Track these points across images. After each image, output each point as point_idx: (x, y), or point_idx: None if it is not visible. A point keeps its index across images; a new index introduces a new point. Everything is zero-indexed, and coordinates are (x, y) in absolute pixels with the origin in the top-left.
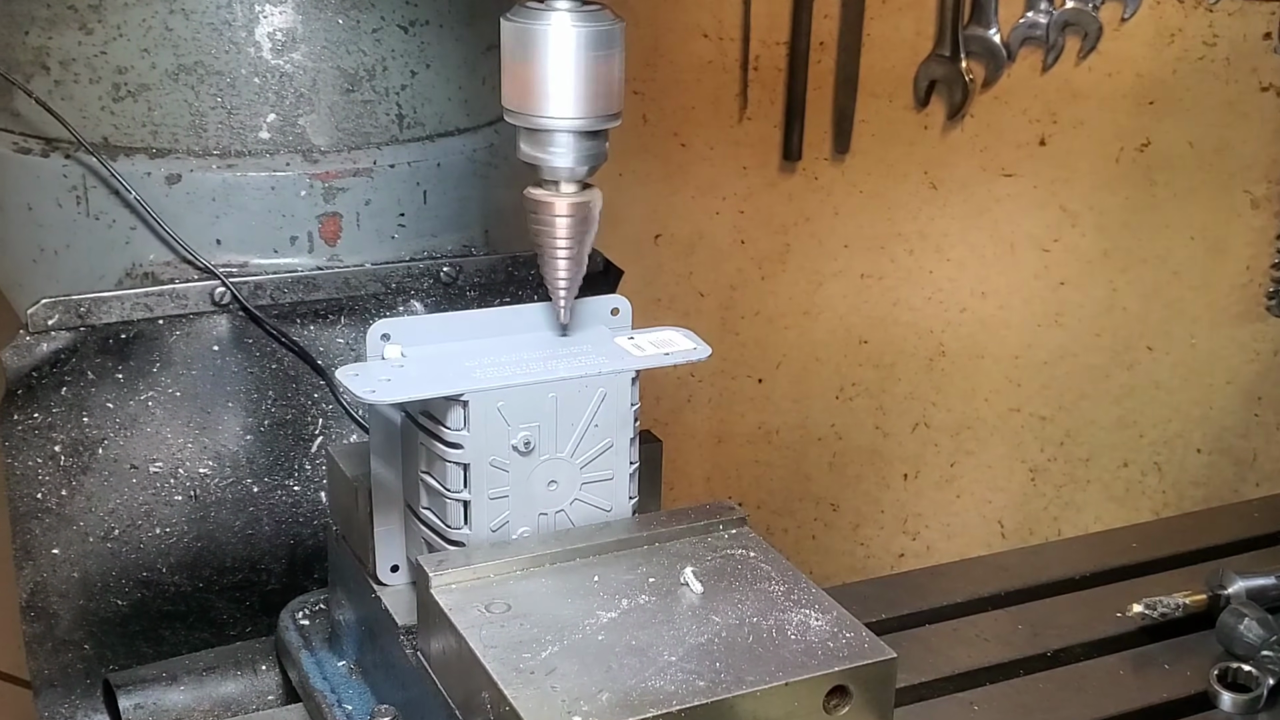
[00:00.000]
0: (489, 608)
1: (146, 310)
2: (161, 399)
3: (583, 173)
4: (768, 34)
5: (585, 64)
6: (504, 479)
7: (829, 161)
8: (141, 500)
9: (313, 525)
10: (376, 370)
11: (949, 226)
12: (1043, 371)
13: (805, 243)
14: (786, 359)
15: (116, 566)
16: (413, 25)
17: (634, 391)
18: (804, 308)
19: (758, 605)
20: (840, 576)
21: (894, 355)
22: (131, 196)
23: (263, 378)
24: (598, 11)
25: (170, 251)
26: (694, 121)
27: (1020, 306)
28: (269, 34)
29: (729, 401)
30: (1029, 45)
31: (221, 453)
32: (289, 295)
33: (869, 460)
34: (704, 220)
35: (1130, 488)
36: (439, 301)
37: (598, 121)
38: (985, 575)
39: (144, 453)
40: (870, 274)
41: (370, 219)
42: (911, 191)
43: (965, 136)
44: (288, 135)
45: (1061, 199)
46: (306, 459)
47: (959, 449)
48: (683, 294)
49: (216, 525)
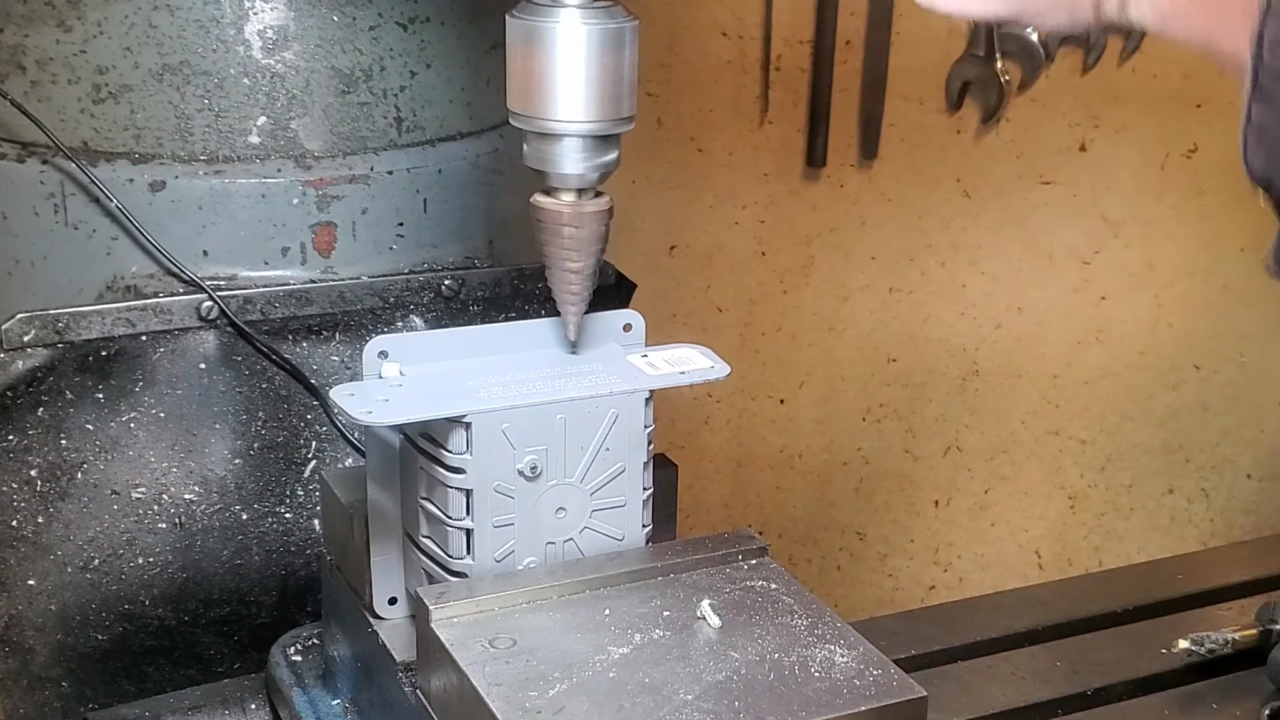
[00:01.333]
0: (493, 643)
1: (129, 326)
2: (144, 420)
3: (593, 180)
4: (790, 32)
5: (596, 64)
6: (509, 506)
7: (855, 168)
8: (123, 528)
9: (305, 555)
10: (373, 390)
11: (983, 237)
12: (1083, 392)
13: (830, 254)
14: (810, 378)
15: (96, 598)
16: (412, 22)
17: (648, 413)
18: (829, 324)
19: (779, 640)
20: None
21: (924, 374)
22: (113, 204)
23: (252, 398)
24: (609, 8)
25: (154, 263)
26: (712, 125)
27: (1059, 322)
28: (259, 31)
29: (749, 423)
30: (1068, 44)
31: (208, 478)
32: (280, 310)
33: (898, 486)
34: (722, 230)
35: (1176, 516)
36: (440, 317)
37: (609, 125)
38: (1021, 609)
39: (126, 477)
40: (899, 288)
41: (367, 229)
42: (943, 200)
43: (1000, 141)
44: (279, 139)
45: (1103, 208)
46: (299, 484)
47: (993, 474)
48: (699, 309)
49: (203, 555)
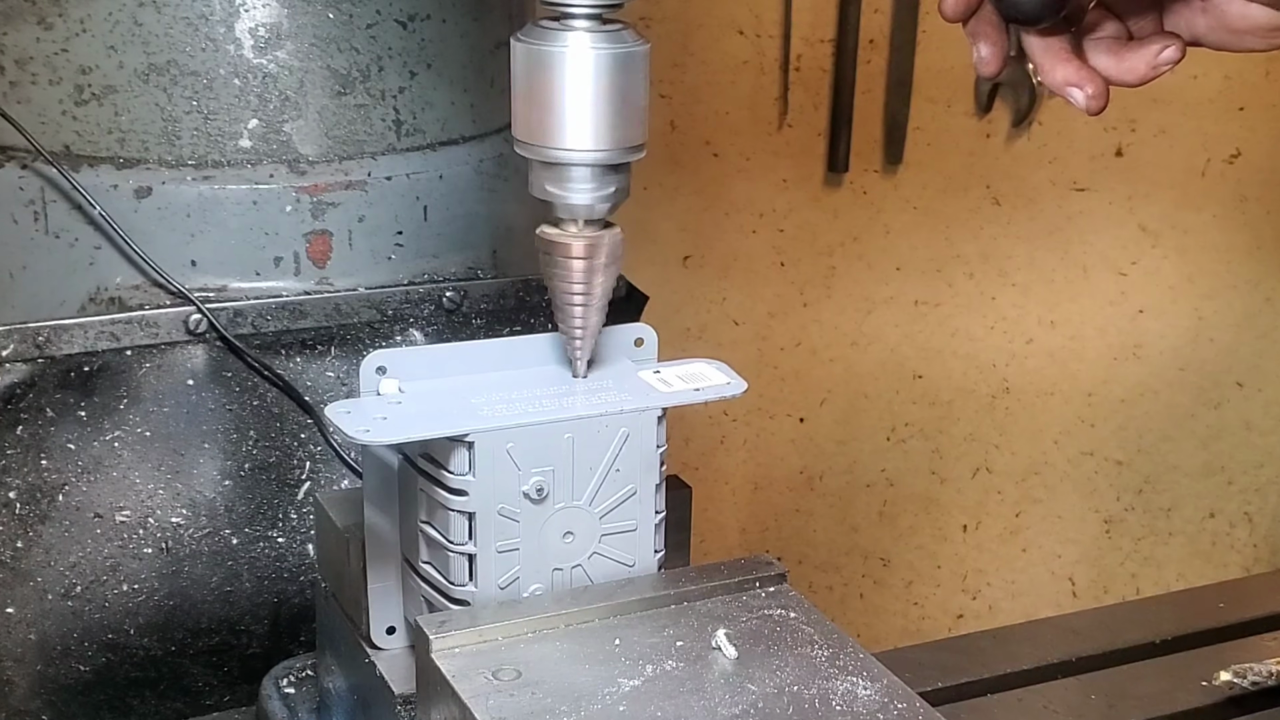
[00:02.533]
0: (497, 674)
1: (113, 340)
2: (129, 439)
3: (603, 210)
4: (811, 30)
5: (606, 90)
6: (514, 530)
7: (879, 174)
8: (106, 553)
9: (299, 582)
10: (371, 407)
11: (1014, 247)
12: (1119, 410)
13: (852, 265)
14: (831, 395)
15: (78, 627)
16: (412, 20)
17: (660, 432)
18: (851, 338)
19: (799, 672)
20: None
21: (952, 392)
22: (96, 212)
23: (243, 416)
24: (620, 31)
25: (139, 274)
26: (728, 129)
27: (1094, 337)
28: (250, 29)
29: (767, 443)
30: None
31: (196, 500)
32: (273, 323)
33: (924, 509)
34: (739, 240)
35: (1218, 541)
36: (441, 330)
37: (620, 154)
38: (1054, 639)
39: (109, 500)
40: (925, 300)
41: (364, 238)
42: (972, 208)
43: (1032, 146)
44: (271, 143)
45: (1140, 216)
46: (292, 507)
47: (1025, 497)
48: (715, 322)
49: (191, 581)
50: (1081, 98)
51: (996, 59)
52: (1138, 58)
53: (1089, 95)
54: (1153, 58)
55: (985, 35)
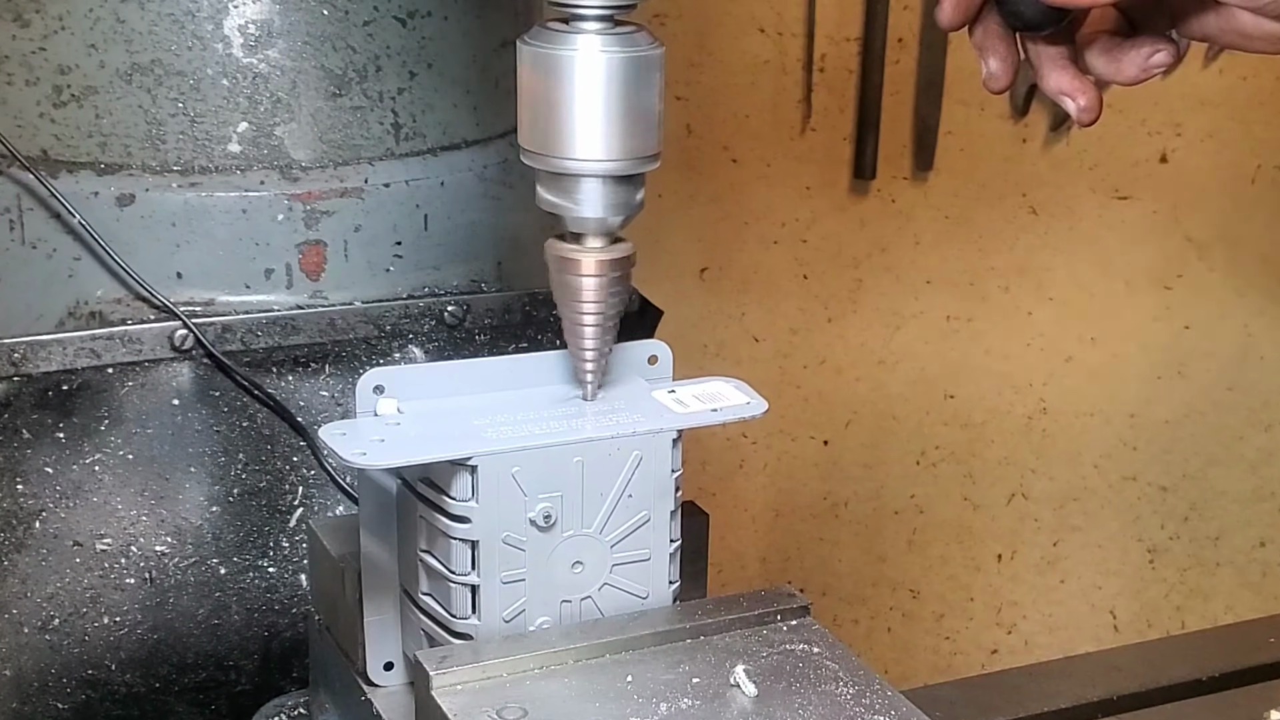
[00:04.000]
0: (501, 713)
1: (93, 357)
2: (110, 463)
3: (615, 224)
4: (836, 28)
5: (618, 97)
6: (519, 559)
7: (908, 181)
8: (86, 584)
9: (291, 614)
10: (367, 429)
11: (1051, 259)
12: (1163, 432)
13: (880, 278)
14: (857, 417)
15: (56, 663)
16: (411, 17)
17: (675, 455)
18: (878, 356)
19: (822, 711)
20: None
21: (985, 413)
22: (75, 221)
23: (231, 438)
24: (633, 33)
25: (121, 286)
26: (748, 133)
27: (1136, 355)
28: (240, 27)
29: (789, 467)
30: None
31: (182, 527)
32: (263, 339)
33: (955, 538)
34: (759, 251)
35: (1268, 571)
36: (442, 347)
37: (633, 164)
38: (1094, 675)
39: (90, 527)
40: (957, 315)
41: (360, 248)
42: (1007, 217)
43: (1071, 152)
44: (262, 148)
45: (1186, 227)
46: (284, 535)
47: (1063, 525)
48: (734, 339)
49: (176, 614)
50: (1074, 108)
51: (1006, 73)
52: (1129, 59)
53: (1081, 107)
54: (1144, 60)
55: (994, 49)
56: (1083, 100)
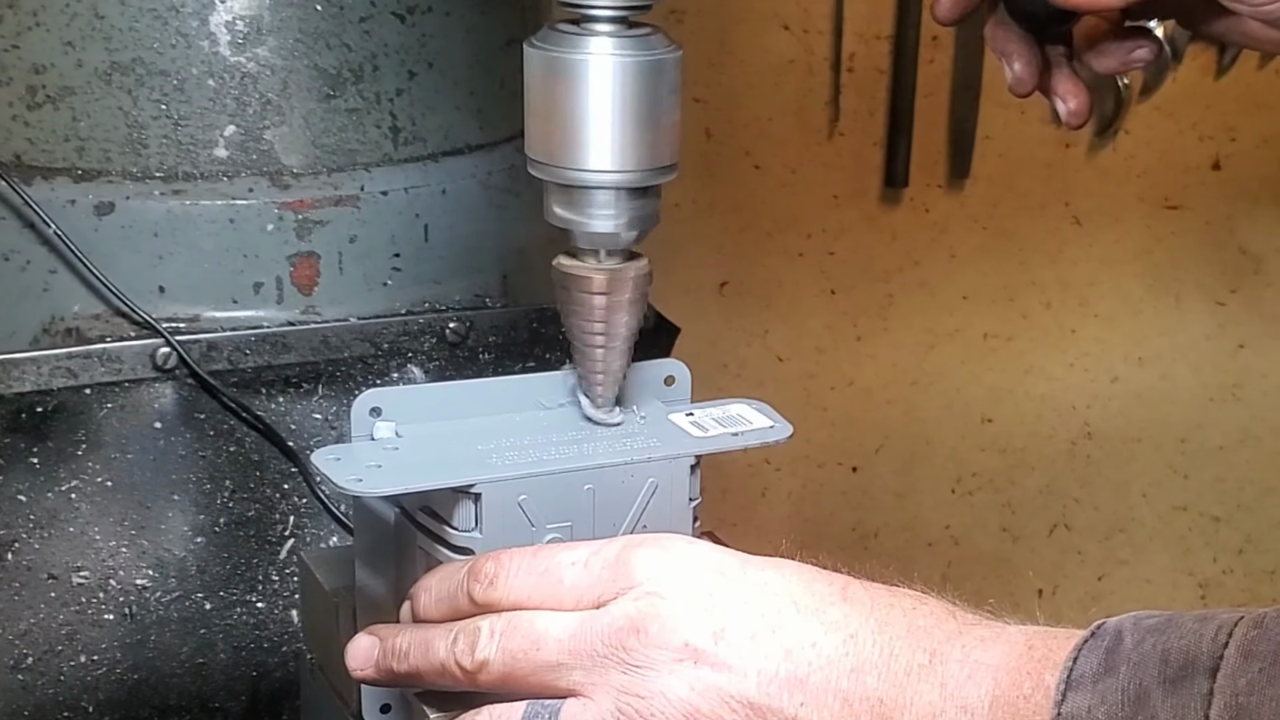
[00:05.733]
0: None
1: (69, 376)
2: (88, 490)
3: (629, 240)
4: (866, 26)
5: (633, 103)
6: None
7: (943, 189)
8: (62, 619)
9: (281, 652)
10: (363, 454)
11: (1097, 273)
12: (1217, 459)
13: (913, 293)
14: (888, 442)
15: (30, 704)
16: (411, 13)
17: (694, 483)
18: (911, 376)
19: None
20: None
21: (1026, 438)
22: (51, 231)
23: (217, 463)
24: (648, 36)
25: (100, 301)
26: (771, 137)
27: (1187, 375)
28: (227, 23)
29: (815, 495)
30: (1199, 43)
31: (164, 559)
32: (251, 358)
33: (994, 571)
34: (783, 264)
35: None
36: (444, 367)
37: (648, 176)
38: None
39: (65, 559)
40: (996, 334)
41: (356, 261)
42: (1049, 228)
43: (1118, 158)
44: (251, 153)
45: (1241, 238)
46: (273, 568)
47: (1109, 558)
48: (756, 358)
49: (158, 652)
50: (1064, 110)
51: (1031, 75)
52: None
53: (1071, 110)
54: (1125, 54)
55: (1016, 53)
56: (1073, 104)
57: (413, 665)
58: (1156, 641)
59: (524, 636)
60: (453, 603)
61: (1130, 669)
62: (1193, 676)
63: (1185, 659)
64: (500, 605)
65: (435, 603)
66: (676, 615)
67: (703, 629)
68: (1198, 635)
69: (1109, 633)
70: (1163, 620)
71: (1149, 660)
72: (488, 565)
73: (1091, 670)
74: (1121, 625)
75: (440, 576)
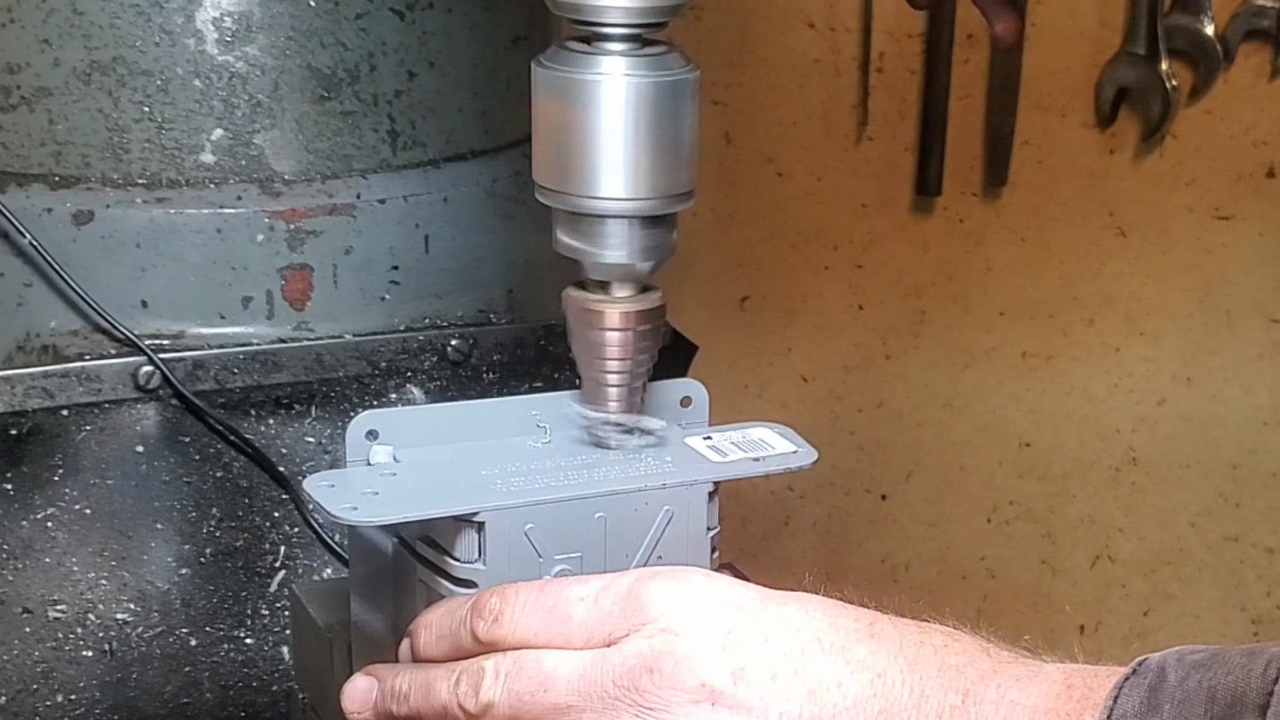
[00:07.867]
0: None
1: (46, 396)
2: (65, 518)
3: (644, 271)
4: (896, 24)
5: (648, 127)
6: None
7: (979, 198)
8: (37, 656)
9: (271, 691)
10: (359, 480)
11: (1143, 287)
12: (1270, 486)
13: (946, 309)
14: (920, 467)
15: None
16: (411, 10)
17: (712, 511)
18: (944, 398)
19: None
20: None
21: (1066, 463)
22: (26, 241)
23: (204, 490)
24: (664, 54)
25: (79, 317)
26: (795, 142)
27: (1240, 397)
28: (214, 20)
29: (841, 525)
30: (1254, 40)
31: (147, 592)
32: (240, 377)
33: (1033, 605)
34: (808, 278)
35: None
36: (445, 387)
37: (663, 204)
38: None
39: (41, 591)
40: (1035, 352)
41: (352, 274)
42: (1092, 240)
43: (1166, 165)
44: (239, 158)
45: None
46: (263, 601)
47: (1155, 591)
48: (779, 378)
49: (140, 691)
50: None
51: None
52: None
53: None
54: None
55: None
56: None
57: (413, 708)
58: (1202, 678)
59: (531, 677)
60: (455, 640)
61: (1174, 708)
62: (1241, 715)
63: (1232, 696)
64: (505, 643)
65: (436, 640)
66: (693, 654)
67: (721, 668)
68: (1245, 671)
69: (1151, 669)
70: (1208, 655)
71: (1194, 698)
72: (492, 600)
73: (1133, 709)
74: (1165, 661)
75: (441, 612)
